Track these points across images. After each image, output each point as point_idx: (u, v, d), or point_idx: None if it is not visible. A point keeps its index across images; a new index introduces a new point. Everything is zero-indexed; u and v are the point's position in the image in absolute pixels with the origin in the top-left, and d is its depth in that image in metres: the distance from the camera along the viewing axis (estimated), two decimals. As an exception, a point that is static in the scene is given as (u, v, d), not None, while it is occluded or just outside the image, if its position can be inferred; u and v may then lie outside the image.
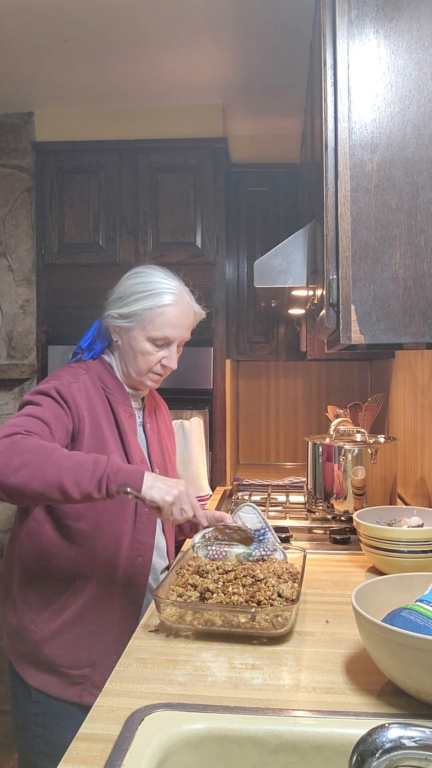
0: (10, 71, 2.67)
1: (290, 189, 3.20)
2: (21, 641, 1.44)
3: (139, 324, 1.50)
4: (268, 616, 1.18)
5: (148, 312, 1.49)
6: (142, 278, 1.53)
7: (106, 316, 1.53)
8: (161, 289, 1.51)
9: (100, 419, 1.47)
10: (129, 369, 1.54)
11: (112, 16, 2.25)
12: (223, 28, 2.34)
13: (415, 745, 0.72)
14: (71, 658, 1.42)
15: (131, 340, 1.51)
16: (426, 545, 1.49)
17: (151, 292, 1.50)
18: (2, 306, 3.09)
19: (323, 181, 1.25)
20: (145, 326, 1.50)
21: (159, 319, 1.50)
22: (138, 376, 1.54)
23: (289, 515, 2.22)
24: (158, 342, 1.51)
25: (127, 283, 1.54)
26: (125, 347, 1.53)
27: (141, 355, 1.51)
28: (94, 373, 1.53)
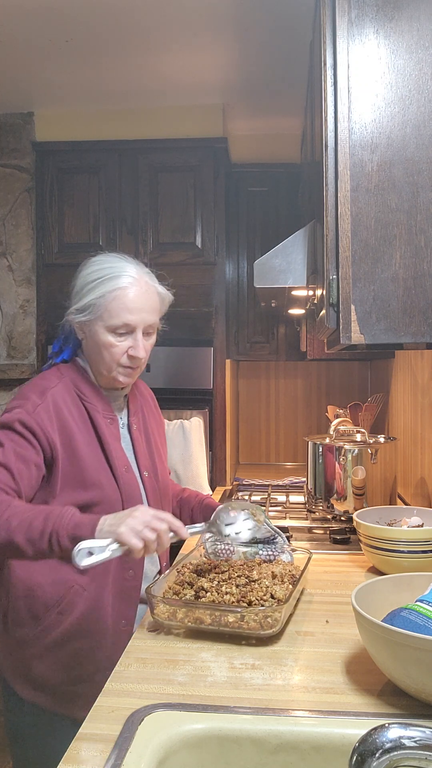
0: (10, 71, 2.67)
1: (290, 189, 3.20)
2: (12, 657, 1.39)
3: (96, 315, 1.39)
4: (256, 616, 1.17)
5: (102, 300, 1.38)
6: (95, 266, 1.43)
7: (68, 315, 1.45)
8: (113, 274, 1.40)
9: (75, 437, 1.37)
10: (99, 366, 1.44)
11: (112, 17, 2.25)
12: (223, 28, 2.34)
13: (415, 745, 0.72)
14: (63, 675, 1.37)
15: (93, 335, 1.41)
16: (426, 545, 1.49)
17: (103, 278, 1.40)
18: (2, 306, 3.09)
19: (323, 181, 1.25)
20: (102, 315, 1.39)
21: (114, 304, 1.38)
22: (108, 372, 1.43)
23: (289, 515, 2.22)
24: (119, 330, 1.39)
25: (81, 274, 1.44)
26: (90, 344, 1.44)
27: (104, 348, 1.40)
28: (69, 379, 1.44)
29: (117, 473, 1.41)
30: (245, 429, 3.74)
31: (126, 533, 1.15)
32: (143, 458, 1.51)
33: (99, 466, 1.39)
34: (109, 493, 1.38)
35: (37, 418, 1.33)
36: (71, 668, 1.37)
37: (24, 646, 1.37)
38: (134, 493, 1.43)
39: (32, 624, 1.37)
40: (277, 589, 1.26)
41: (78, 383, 1.44)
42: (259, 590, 1.25)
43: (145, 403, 1.64)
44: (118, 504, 1.39)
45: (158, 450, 1.59)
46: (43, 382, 1.41)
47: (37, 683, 1.37)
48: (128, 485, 1.42)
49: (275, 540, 1.49)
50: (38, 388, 1.39)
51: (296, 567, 1.42)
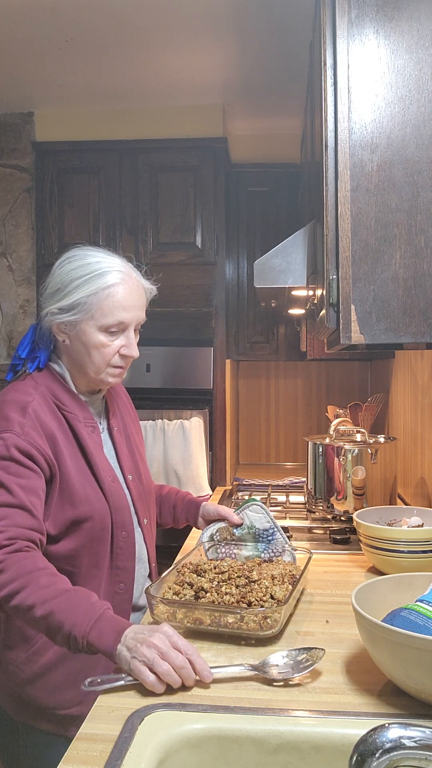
0: (10, 71, 2.67)
1: (290, 189, 3.20)
2: (4, 681, 1.34)
3: (86, 314, 1.30)
4: (256, 617, 1.17)
5: (93, 298, 1.30)
6: (78, 261, 1.34)
7: (45, 315, 1.34)
8: (103, 269, 1.32)
9: (61, 451, 1.30)
10: (86, 369, 1.35)
11: (112, 17, 2.25)
12: (223, 28, 2.34)
13: (415, 745, 0.72)
14: (57, 698, 1.30)
15: (81, 336, 1.32)
16: (426, 545, 1.49)
17: (92, 275, 1.31)
18: (2, 306, 3.09)
19: (323, 181, 1.25)
20: (94, 314, 1.30)
21: (107, 302, 1.31)
22: (97, 375, 1.35)
23: (289, 515, 2.22)
24: (112, 329, 1.33)
25: (61, 271, 1.35)
26: (75, 345, 1.33)
27: (96, 349, 1.32)
28: (45, 388, 1.33)
29: (104, 486, 1.34)
30: (245, 429, 3.74)
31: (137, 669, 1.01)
32: (126, 461, 1.45)
33: (85, 480, 1.32)
34: (98, 507, 1.32)
35: (29, 439, 1.24)
36: (64, 690, 1.29)
37: (16, 670, 1.31)
38: (122, 503, 1.38)
39: (23, 646, 1.31)
40: (276, 590, 1.26)
41: (55, 392, 1.34)
42: (259, 591, 1.25)
43: (121, 402, 1.57)
44: (107, 516, 1.33)
45: (138, 450, 1.53)
46: (20, 396, 1.29)
47: (30, 707, 1.32)
48: (115, 496, 1.37)
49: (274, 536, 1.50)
50: (16, 405, 1.27)
51: (296, 567, 1.42)
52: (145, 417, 2.88)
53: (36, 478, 1.24)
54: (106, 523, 1.33)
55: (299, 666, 1.06)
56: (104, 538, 1.34)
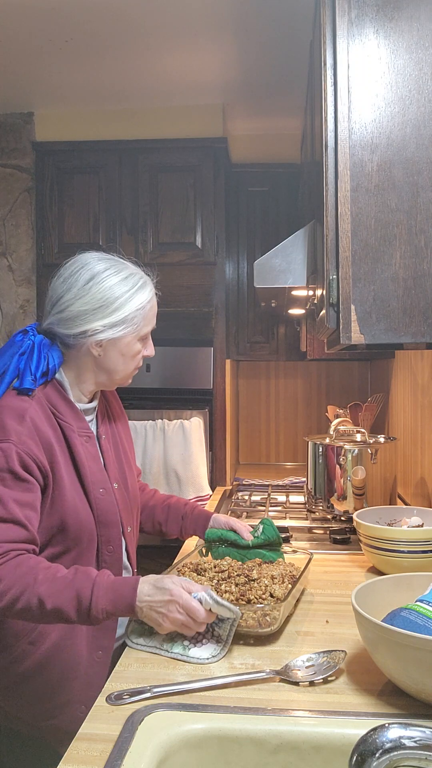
0: (10, 71, 2.67)
1: (290, 189, 3.20)
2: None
3: (134, 327, 1.31)
4: (255, 614, 1.17)
5: (141, 311, 1.31)
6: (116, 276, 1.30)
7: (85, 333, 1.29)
8: (140, 281, 1.33)
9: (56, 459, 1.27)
10: (112, 377, 1.36)
11: (112, 17, 2.25)
12: (223, 28, 2.34)
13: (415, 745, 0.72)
14: (32, 710, 1.27)
15: (123, 347, 1.32)
16: (426, 545, 1.49)
17: (135, 288, 1.31)
18: (2, 306, 3.09)
19: (323, 181, 1.25)
20: (139, 326, 1.32)
21: (151, 313, 1.35)
22: (124, 380, 1.39)
23: (289, 515, 2.22)
24: (145, 337, 1.36)
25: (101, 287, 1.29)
26: (111, 357, 1.33)
27: (132, 357, 1.35)
28: (43, 396, 1.29)
29: (91, 497, 1.31)
30: (245, 429, 3.74)
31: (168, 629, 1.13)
32: (113, 470, 1.41)
33: (74, 489, 1.29)
34: (84, 517, 1.29)
35: (25, 448, 1.21)
36: (43, 701, 1.27)
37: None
38: (110, 518, 1.35)
39: (2, 654, 1.27)
40: (276, 588, 1.26)
41: (53, 400, 1.30)
42: (258, 589, 1.25)
43: (109, 406, 1.51)
44: (91, 525, 1.31)
45: (126, 456, 1.49)
46: (18, 403, 1.25)
47: (10, 715, 1.29)
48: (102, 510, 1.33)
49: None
50: (14, 412, 1.23)
51: (296, 568, 1.42)
52: (145, 417, 2.88)
53: (32, 490, 1.22)
54: (92, 535, 1.31)
55: (322, 668, 1.06)
56: (89, 550, 1.32)
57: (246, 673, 1.07)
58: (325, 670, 1.06)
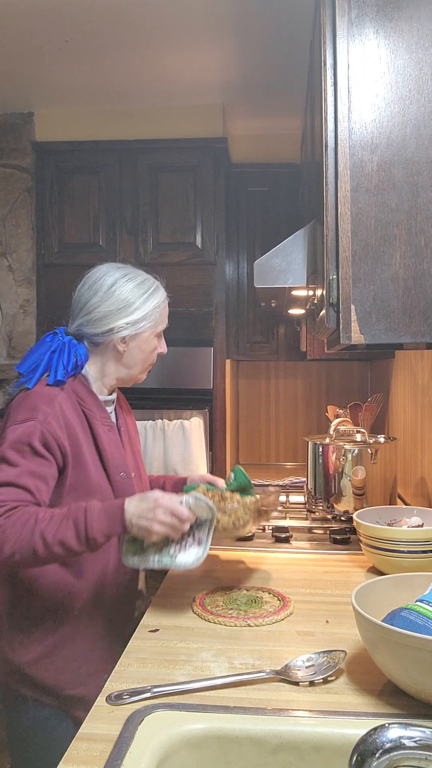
0: (10, 71, 2.67)
1: (290, 189, 3.20)
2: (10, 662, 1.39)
3: (151, 324, 1.49)
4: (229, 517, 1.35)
5: (156, 309, 1.49)
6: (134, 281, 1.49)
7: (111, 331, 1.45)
8: (153, 285, 1.51)
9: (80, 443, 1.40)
10: (132, 371, 1.52)
11: (112, 17, 2.25)
12: (223, 28, 2.34)
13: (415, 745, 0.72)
14: (61, 679, 1.37)
15: (142, 344, 1.49)
16: (426, 545, 1.49)
17: (151, 290, 1.49)
18: (2, 306, 3.09)
19: (323, 181, 1.25)
20: (156, 323, 1.50)
21: (164, 312, 1.53)
22: (141, 374, 1.55)
23: (289, 515, 2.22)
24: (160, 334, 1.54)
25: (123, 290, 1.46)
26: (133, 353, 1.50)
27: (150, 352, 1.52)
28: (70, 388, 1.43)
29: (113, 479, 1.44)
30: (245, 429, 3.74)
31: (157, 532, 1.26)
32: (130, 460, 1.54)
33: (98, 472, 1.42)
34: (108, 498, 1.40)
35: (49, 428, 1.34)
36: (69, 672, 1.37)
37: (21, 649, 1.38)
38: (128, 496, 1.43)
39: (28, 628, 1.38)
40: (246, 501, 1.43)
41: (78, 392, 1.45)
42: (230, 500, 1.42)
43: (124, 404, 1.67)
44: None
45: (137, 449, 1.65)
46: (49, 390, 1.40)
47: (37, 686, 1.38)
48: (122, 492, 1.45)
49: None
50: (45, 398, 1.38)
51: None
52: (145, 417, 2.88)
53: (48, 465, 1.34)
54: None
55: (322, 668, 1.06)
56: None
57: (246, 673, 1.07)
58: (325, 670, 1.06)
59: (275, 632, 1.24)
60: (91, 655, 1.39)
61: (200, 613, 1.33)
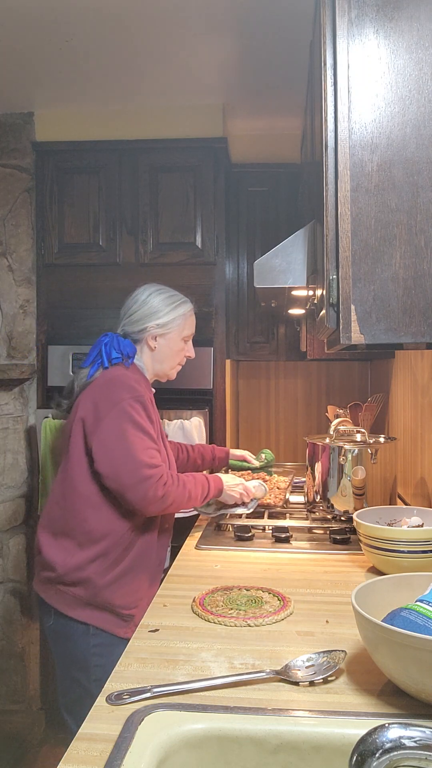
0: (10, 71, 2.67)
1: (290, 189, 3.20)
2: (84, 588, 1.73)
3: (177, 328, 1.94)
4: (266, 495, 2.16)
5: (182, 318, 1.94)
6: (167, 293, 1.95)
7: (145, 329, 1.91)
8: (184, 298, 1.97)
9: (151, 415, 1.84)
10: (163, 366, 1.96)
11: (112, 17, 2.25)
12: (223, 28, 2.34)
13: (415, 745, 0.72)
14: (124, 600, 1.75)
15: (170, 343, 1.94)
16: (426, 545, 1.49)
17: (179, 302, 1.95)
18: (2, 306, 3.09)
19: (323, 181, 1.25)
20: (182, 329, 1.95)
21: (190, 321, 1.98)
22: (170, 370, 1.99)
23: (289, 515, 2.22)
24: (187, 339, 1.98)
25: (156, 299, 1.92)
26: (163, 350, 1.94)
27: (177, 352, 1.97)
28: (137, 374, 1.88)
29: (164, 444, 1.93)
30: (245, 429, 3.73)
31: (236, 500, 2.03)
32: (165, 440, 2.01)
33: (158, 436, 1.86)
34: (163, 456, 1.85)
35: (144, 401, 1.80)
36: (129, 594, 1.76)
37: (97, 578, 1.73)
38: (172, 462, 1.95)
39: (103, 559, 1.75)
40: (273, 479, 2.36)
41: (139, 378, 1.88)
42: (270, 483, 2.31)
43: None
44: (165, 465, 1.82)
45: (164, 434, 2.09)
46: (131, 374, 1.84)
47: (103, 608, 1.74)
48: (170, 454, 1.95)
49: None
50: (133, 379, 1.82)
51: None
52: (145, 417, 2.88)
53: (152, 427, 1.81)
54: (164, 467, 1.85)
55: (322, 668, 1.06)
56: None
57: (246, 673, 1.07)
58: (325, 670, 1.06)
59: (275, 632, 1.25)
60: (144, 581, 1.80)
61: (200, 613, 1.33)
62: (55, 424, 2.79)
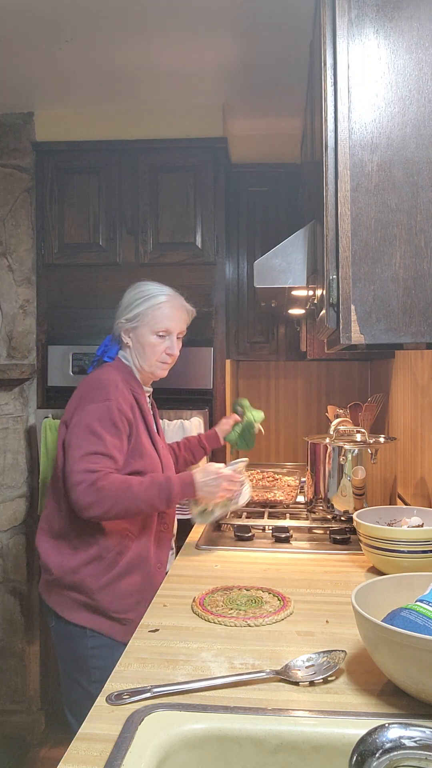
0: (10, 71, 2.67)
1: (290, 189, 3.20)
2: (79, 591, 1.72)
3: (143, 322, 1.84)
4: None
5: (149, 311, 1.84)
6: (139, 288, 1.89)
7: (117, 324, 1.88)
8: (156, 293, 1.87)
9: (136, 418, 1.79)
10: (141, 363, 1.87)
11: (112, 16, 2.25)
12: (223, 27, 2.34)
13: (415, 745, 0.72)
14: (119, 604, 1.73)
15: (140, 338, 1.85)
16: (426, 545, 1.49)
17: (148, 296, 1.86)
18: (2, 306, 3.09)
19: (323, 181, 1.25)
20: (148, 322, 1.84)
21: (158, 314, 1.84)
22: (149, 368, 1.87)
23: (290, 515, 2.22)
24: (161, 333, 1.85)
25: (129, 295, 1.89)
26: (136, 345, 1.86)
27: (149, 347, 1.85)
28: (123, 372, 1.84)
29: (157, 448, 1.86)
30: (245, 429, 3.73)
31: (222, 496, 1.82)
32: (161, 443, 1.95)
33: (147, 442, 1.81)
34: (155, 463, 1.81)
35: (120, 407, 1.73)
36: (125, 598, 1.74)
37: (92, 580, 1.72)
38: (169, 463, 1.91)
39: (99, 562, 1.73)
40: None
41: (128, 378, 1.84)
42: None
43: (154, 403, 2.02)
44: (159, 469, 1.82)
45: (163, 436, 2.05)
46: (110, 376, 1.79)
47: (98, 612, 1.72)
48: (165, 457, 1.89)
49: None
50: (110, 382, 1.77)
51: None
52: (145, 417, 2.88)
53: (122, 438, 1.73)
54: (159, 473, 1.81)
55: (322, 668, 1.06)
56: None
57: (246, 673, 1.07)
58: (325, 670, 1.06)
59: (275, 632, 1.25)
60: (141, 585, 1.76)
61: (200, 613, 1.33)
62: (55, 424, 2.80)
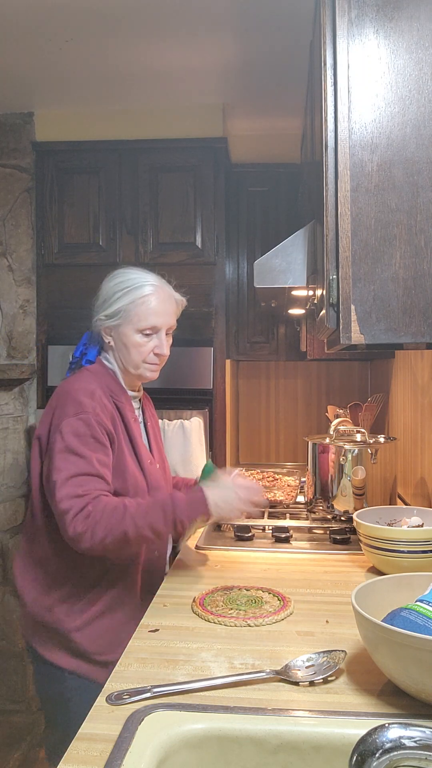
0: (10, 71, 2.67)
1: (290, 189, 3.20)
2: (54, 631, 1.53)
3: (126, 319, 1.58)
4: None
5: (131, 305, 1.57)
6: (120, 278, 1.61)
7: (95, 321, 1.62)
8: (139, 283, 1.59)
9: (117, 431, 1.55)
10: (125, 365, 1.62)
11: (112, 17, 2.25)
12: (223, 27, 2.34)
13: (415, 745, 0.72)
14: (99, 645, 1.52)
15: (122, 336, 1.59)
16: (426, 545, 1.49)
17: (130, 288, 1.58)
18: (2, 306, 3.09)
19: (323, 181, 1.25)
20: (132, 319, 1.57)
21: (142, 309, 1.58)
22: (135, 370, 1.62)
23: (290, 515, 2.22)
24: (146, 332, 1.59)
25: (107, 286, 1.62)
26: (118, 345, 1.61)
27: (134, 347, 1.59)
28: (102, 378, 1.59)
29: (143, 465, 1.60)
30: (245, 429, 3.73)
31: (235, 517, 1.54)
32: (156, 452, 1.72)
33: (131, 458, 1.58)
34: (140, 482, 1.57)
35: (100, 420, 1.49)
36: (106, 639, 1.53)
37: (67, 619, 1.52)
38: (158, 483, 1.64)
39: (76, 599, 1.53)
40: None
41: (109, 384, 1.60)
42: None
43: (148, 402, 1.81)
44: (144, 491, 1.57)
45: (161, 443, 1.82)
46: (86, 385, 1.54)
47: (76, 653, 1.52)
48: (152, 476, 1.62)
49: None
50: (85, 392, 1.52)
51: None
52: (145, 417, 2.89)
53: (107, 452, 1.50)
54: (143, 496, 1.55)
55: (322, 668, 1.06)
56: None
57: (246, 673, 1.07)
58: (325, 670, 1.06)
59: (275, 632, 1.25)
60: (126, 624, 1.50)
61: (200, 613, 1.33)
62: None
